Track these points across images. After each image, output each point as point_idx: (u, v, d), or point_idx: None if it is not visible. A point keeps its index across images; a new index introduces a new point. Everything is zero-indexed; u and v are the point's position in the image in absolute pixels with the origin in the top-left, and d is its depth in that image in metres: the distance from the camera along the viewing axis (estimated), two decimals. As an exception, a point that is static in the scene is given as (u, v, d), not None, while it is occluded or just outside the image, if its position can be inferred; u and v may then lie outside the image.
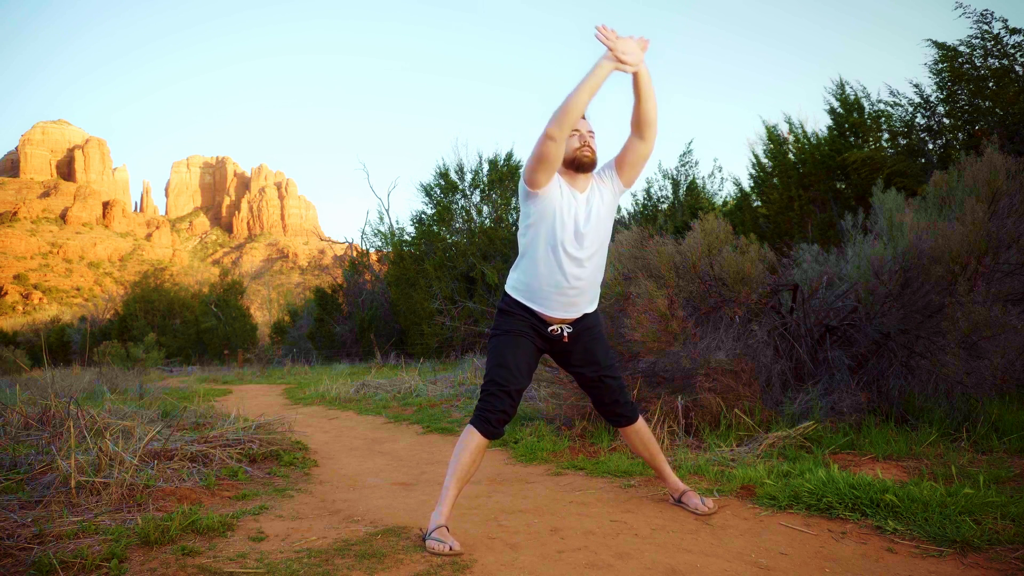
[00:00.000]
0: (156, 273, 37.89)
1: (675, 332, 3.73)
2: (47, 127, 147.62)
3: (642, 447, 2.58)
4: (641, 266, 4.37)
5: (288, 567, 1.99)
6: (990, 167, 4.25)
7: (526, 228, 2.36)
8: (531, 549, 2.14)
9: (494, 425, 2.28)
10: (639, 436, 2.56)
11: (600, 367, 2.44)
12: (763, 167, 9.70)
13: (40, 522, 2.34)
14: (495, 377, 2.30)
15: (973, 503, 2.19)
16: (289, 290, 71.96)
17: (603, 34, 2.12)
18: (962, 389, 3.46)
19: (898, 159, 7.53)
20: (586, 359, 2.44)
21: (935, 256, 3.66)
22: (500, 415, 2.28)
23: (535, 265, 2.33)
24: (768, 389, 3.79)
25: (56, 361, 25.24)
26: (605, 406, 2.52)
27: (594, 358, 2.44)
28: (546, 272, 2.31)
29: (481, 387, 2.35)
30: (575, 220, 2.29)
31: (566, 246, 2.28)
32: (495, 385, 2.29)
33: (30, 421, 3.91)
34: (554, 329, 2.37)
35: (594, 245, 2.33)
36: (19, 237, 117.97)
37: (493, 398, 2.28)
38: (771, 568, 1.92)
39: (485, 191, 15.24)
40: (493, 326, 2.43)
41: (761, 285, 4.09)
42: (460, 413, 5.67)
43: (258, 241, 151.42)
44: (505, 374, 2.29)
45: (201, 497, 2.84)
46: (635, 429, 2.55)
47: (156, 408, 5.62)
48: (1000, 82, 7.06)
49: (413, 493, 3.05)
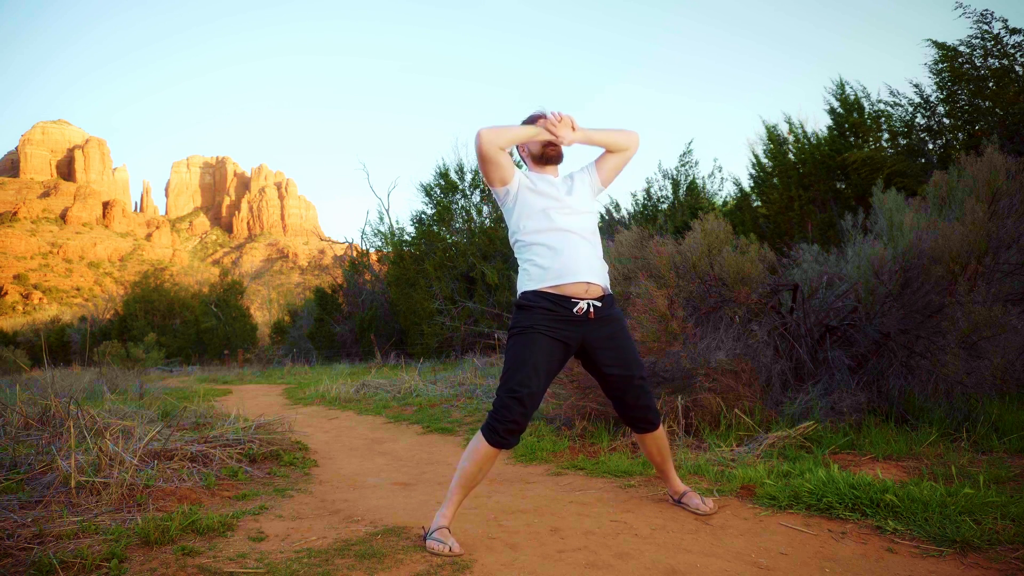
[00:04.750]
0: (156, 273, 37.85)
1: (675, 332, 3.73)
2: (47, 127, 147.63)
3: (656, 452, 2.53)
4: (641, 266, 4.38)
5: (288, 567, 1.99)
6: (990, 167, 4.25)
7: (516, 223, 2.41)
8: (531, 549, 2.13)
9: (502, 436, 2.20)
10: (656, 442, 2.51)
11: (631, 367, 2.37)
12: (763, 167, 9.70)
13: (40, 522, 2.34)
14: (509, 383, 2.22)
15: (973, 503, 2.19)
16: (289, 290, 72.02)
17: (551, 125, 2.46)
18: (962, 389, 3.46)
19: (898, 159, 7.53)
20: (617, 358, 2.35)
21: (935, 256, 3.66)
22: (510, 425, 2.19)
23: (536, 249, 2.34)
24: (768, 389, 3.79)
25: (56, 361, 25.24)
26: (633, 410, 2.42)
27: (625, 356, 2.36)
28: (550, 237, 2.33)
29: (496, 390, 2.27)
30: (555, 191, 2.43)
31: (554, 215, 2.37)
32: (508, 393, 2.20)
33: (30, 421, 3.91)
34: (580, 308, 2.28)
35: (581, 204, 2.43)
36: (19, 237, 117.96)
37: (504, 409, 2.19)
38: (771, 568, 1.92)
39: (485, 191, 15.23)
40: (511, 324, 2.35)
41: (761, 285, 4.09)
42: (460, 413, 5.67)
43: (258, 241, 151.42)
44: (520, 378, 2.20)
45: (201, 497, 2.85)
46: (656, 435, 2.49)
47: (156, 408, 5.62)
48: (1000, 82, 7.06)
49: (413, 493, 3.05)
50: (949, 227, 3.70)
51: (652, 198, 12.81)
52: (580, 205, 2.43)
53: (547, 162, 2.50)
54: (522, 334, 2.27)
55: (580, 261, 2.31)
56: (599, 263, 2.39)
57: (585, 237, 2.37)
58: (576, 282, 2.29)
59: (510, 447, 2.24)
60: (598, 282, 2.34)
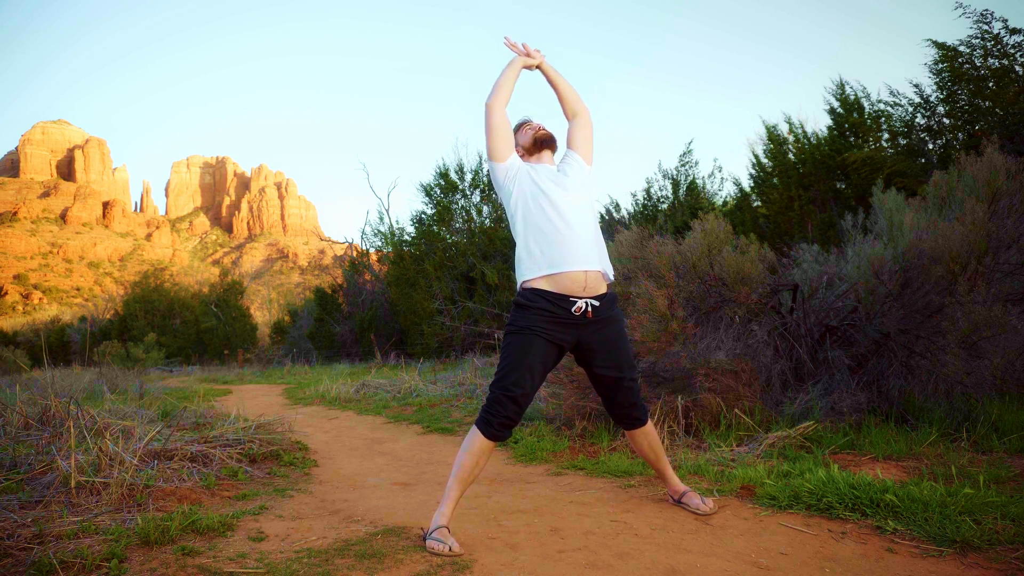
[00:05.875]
0: (156, 273, 37.80)
1: (675, 332, 3.73)
2: (47, 127, 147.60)
3: (648, 449, 2.55)
4: (641, 266, 4.38)
5: (288, 567, 1.99)
6: (990, 167, 4.25)
7: (514, 207, 2.45)
8: (531, 549, 2.13)
9: (496, 429, 2.26)
10: (647, 438, 2.54)
11: (624, 368, 2.41)
12: (763, 167, 9.70)
13: (40, 522, 2.34)
14: (505, 382, 2.26)
15: (973, 503, 2.19)
16: (289, 290, 71.99)
17: (510, 44, 2.67)
18: (962, 389, 3.46)
19: (898, 159, 7.53)
20: (610, 359, 2.39)
21: (935, 256, 3.66)
22: (504, 420, 2.26)
23: (536, 228, 2.37)
24: (768, 389, 3.79)
25: (56, 361, 25.22)
26: (620, 408, 2.48)
27: (619, 359, 2.40)
28: (547, 225, 2.35)
29: (490, 386, 2.32)
30: (552, 175, 2.48)
31: (553, 196, 2.40)
32: (503, 391, 2.26)
33: (30, 421, 3.91)
34: (579, 307, 2.30)
35: (578, 191, 2.46)
36: (19, 237, 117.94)
37: (498, 405, 2.26)
38: (771, 568, 1.92)
39: (485, 191, 15.23)
40: (509, 321, 2.38)
41: (761, 285, 4.09)
42: (460, 413, 5.67)
43: (258, 241, 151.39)
44: (515, 378, 2.25)
45: (201, 497, 2.84)
46: (644, 431, 2.53)
47: (156, 408, 5.62)
48: (1000, 82, 7.06)
49: (413, 493, 3.05)
50: (949, 227, 3.70)
51: (652, 198, 12.81)
52: (576, 187, 2.48)
53: (541, 147, 2.59)
54: (519, 334, 2.30)
55: (577, 246, 2.33)
56: (596, 246, 2.40)
57: (582, 220, 2.40)
58: (574, 271, 2.30)
59: (504, 439, 2.33)
60: (596, 267, 2.35)
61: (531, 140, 2.60)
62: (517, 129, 2.67)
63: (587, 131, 2.69)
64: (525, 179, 2.46)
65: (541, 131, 2.61)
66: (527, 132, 2.63)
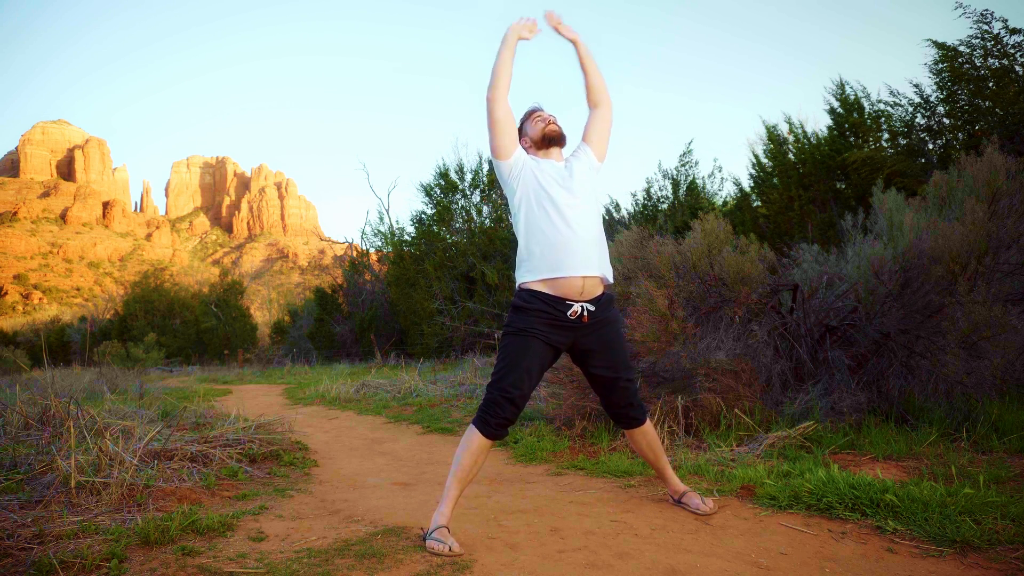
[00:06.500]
0: (156, 273, 37.80)
1: (675, 332, 3.73)
2: (47, 127, 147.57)
3: (647, 448, 2.55)
4: (641, 266, 4.38)
5: (288, 567, 1.99)
6: (990, 167, 4.25)
7: (517, 206, 2.41)
8: (531, 549, 2.13)
9: (494, 428, 2.27)
10: (646, 438, 2.53)
11: (619, 369, 2.41)
12: (763, 167, 9.70)
13: (40, 522, 2.34)
14: (502, 383, 2.26)
15: (973, 503, 2.19)
16: (289, 290, 72.00)
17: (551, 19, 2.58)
18: (962, 389, 3.46)
19: (898, 159, 7.53)
20: (607, 361, 2.39)
21: (935, 256, 3.66)
22: (501, 419, 2.26)
23: (538, 230, 2.34)
24: (768, 389, 3.79)
25: (56, 361, 25.20)
26: (618, 408, 2.47)
27: (615, 360, 2.40)
28: (549, 228, 2.32)
29: (487, 386, 2.32)
30: (558, 175, 2.42)
31: (556, 198, 2.36)
32: (500, 392, 2.26)
33: (30, 421, 3.91)
34: (575, 311, 2.29)
35: (583, 193, 2.41)
36: (19, 237, 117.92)
37: (496, 406, 2.26)
38: (771, 568, 1.92)
39: (485, 191, 15.24)
40: (506, 323, 2.38)
41: (761, 285, 4.09)
42: (460, 413, 5.67)
43: (258, 241, 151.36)
44: (513, 380, 2.25)
45: (201, 497, 2.84)
46: (643, 431, 2.52)
47: (156, 408, 5.61)
48: (1000, 82, 7.06)
49: (413, 493, 3.05)
50: (949, 227, 3.70)
51: (652, 198, 12.80)
52: (581, 189, 2.42)
53: (549, 144, 2.51)
54: (517, 335, 2.30)
55: (577, 251, 2.31)
56: (598, 250, 2.37)
57: (584, 223, 2.36)
58: (572, 276, 2.29)
59: (502, 438, 2.34)
60: (596, 273, 2.34)
61: (540, 135, 2.51)
62: (526, 118, 2.58)
63: (605, 125, 2.60)
64: (529, 177, 2.41)
65: (551, 127, 2.51)
66: (536, 124, 2.53)
